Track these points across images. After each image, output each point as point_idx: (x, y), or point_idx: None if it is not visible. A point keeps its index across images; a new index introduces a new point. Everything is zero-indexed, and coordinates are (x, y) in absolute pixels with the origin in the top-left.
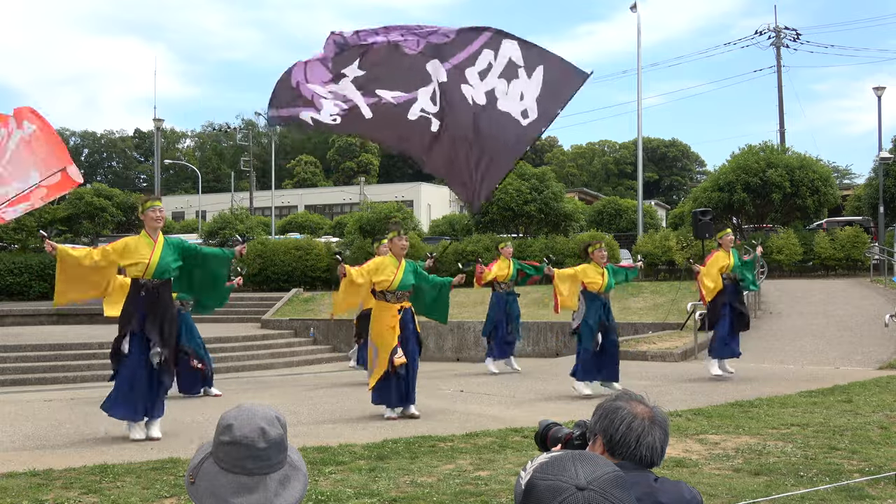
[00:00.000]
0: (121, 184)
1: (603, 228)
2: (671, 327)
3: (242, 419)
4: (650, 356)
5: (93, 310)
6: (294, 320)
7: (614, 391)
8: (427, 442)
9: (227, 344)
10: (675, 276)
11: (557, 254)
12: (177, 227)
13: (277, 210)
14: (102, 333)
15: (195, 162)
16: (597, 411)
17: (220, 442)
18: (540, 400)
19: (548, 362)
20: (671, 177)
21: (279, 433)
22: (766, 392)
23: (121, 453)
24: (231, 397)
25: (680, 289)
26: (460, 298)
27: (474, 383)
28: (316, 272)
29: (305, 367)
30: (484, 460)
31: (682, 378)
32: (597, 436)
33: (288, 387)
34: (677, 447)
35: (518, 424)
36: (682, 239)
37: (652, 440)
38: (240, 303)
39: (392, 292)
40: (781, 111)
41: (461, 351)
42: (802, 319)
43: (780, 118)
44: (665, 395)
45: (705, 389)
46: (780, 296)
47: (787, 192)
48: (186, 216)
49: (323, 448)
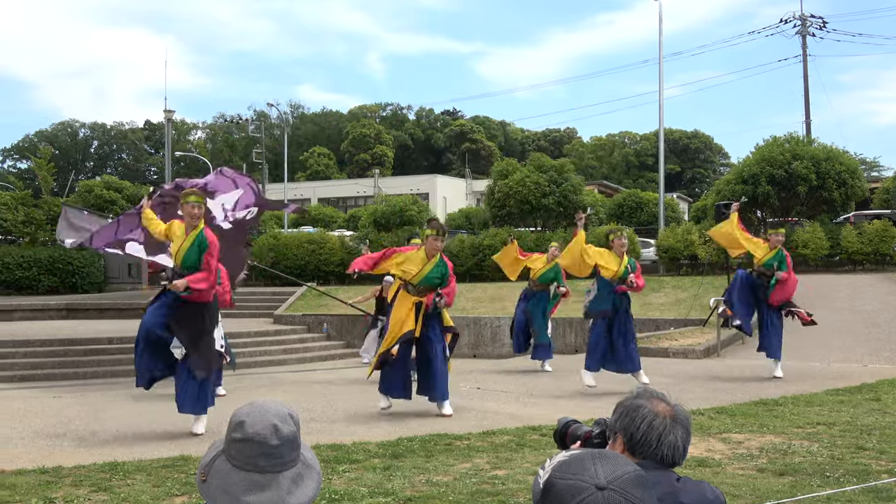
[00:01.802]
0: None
1: (623, 221)
2: (693, 323)
3: (255, 416)
4: (672, 353)
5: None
6: (307, 315)
7: (640, 383)
8: (443, 440)
9: (238, 339)
10: (698, 270)
11: None
12: None
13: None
14: (112, 328)
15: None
16: (617, 409)
17: (233, 439)
18: (558, 397)
19: (566, 359)
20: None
21: (292, 430)
22: (791, 390)
23: (131, 451)
24: (243, 394)
25: (702, 284)
26: (476, 294)
27: (491, 380)
28: (329, 266)
29: (318, 363)
30: (501, 459)
31: (704, 375)
32: (617, 434)
33: (301, 383)
34: (700, 446)
35: (536, 422)
36: (704, 233)
37: (674, 439)
38: (251, 297)
39: (413, 285)
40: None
41: (478, 347)
42: (829, 315)
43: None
44: (687, 393)
45: (728, 387)
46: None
47: (812, 185)
48: None
49: (337, 446)
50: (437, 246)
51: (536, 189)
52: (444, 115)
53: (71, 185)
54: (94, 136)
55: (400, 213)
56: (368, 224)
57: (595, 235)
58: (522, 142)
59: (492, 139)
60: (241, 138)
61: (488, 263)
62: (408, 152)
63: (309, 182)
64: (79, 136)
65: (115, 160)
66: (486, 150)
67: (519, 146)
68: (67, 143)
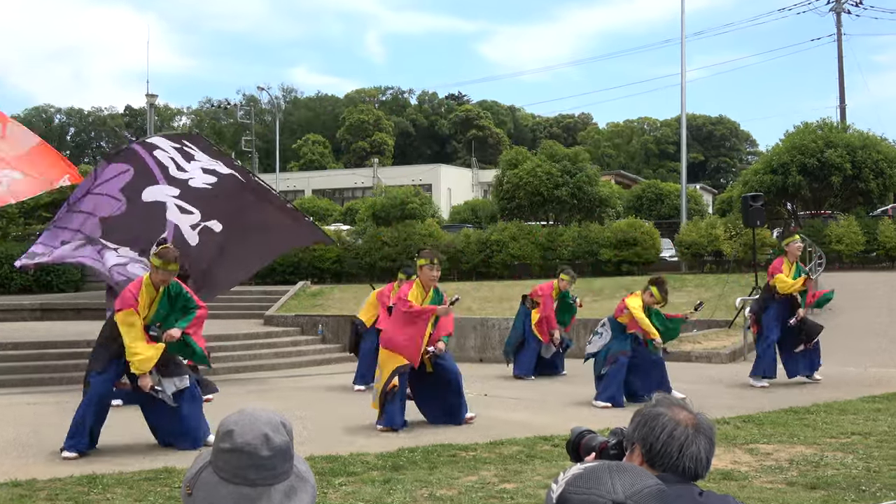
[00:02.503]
0: None
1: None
2: (718, 325)
3: (244, 425)
4: (695, 357)
5: (80, 304)
6: (300, 316)
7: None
8: (447, 451)
9: (226, 342)
10: (723, 268)
11: (592, 243)
12: None
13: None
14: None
15: None
16: (635, 418)
17: (220, 450)
18: (572, 405)
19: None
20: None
21: (284, 440)
22: (823, 397)
23: (111, 462)
24: (231, 401)
25: (728, 282)
26: (483, 293)
27: (499, 386)
28: (324, 263)
29: (313, 367)
30: (510, 471)
31: (730, 381)
32: (635, 445)
33: (294, 389)
34: (724, 458)
35: (547, 432)
36: (730, 227)
37: (696, 450)
38: (240, 297)
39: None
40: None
41: (485, 351)
42: (864, 316)
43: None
44: (711, 400)
45: (756, 394)
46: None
47: (847, 175)
48: None
49: (333, 457)
50: (434, 276)
51: (548, 180)
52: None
53: None
54: (71, 123)
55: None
56: (367, 218)
57: (612, 230)
58: (533, 129)
59: (500, 126)
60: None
61: (496, 260)
62: (409, 140)
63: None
64: (54, 123)
65: (93, 148)
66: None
67: (529, 133)
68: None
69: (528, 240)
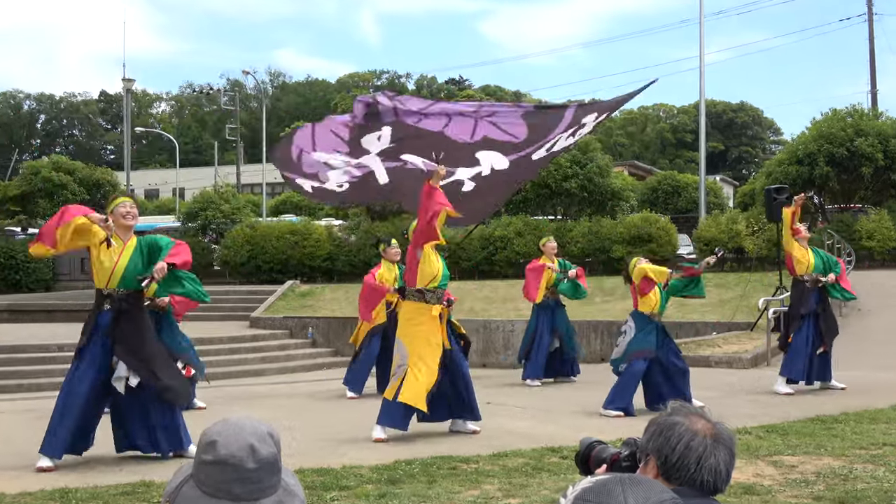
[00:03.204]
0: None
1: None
2: (739, 328)
3: (228, 435)
4: (714, 362)
5: (51, 305)
6: (289, 318)
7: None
8: (447, 463)
9: (209, 346)
10: (745, 266)
11: (603, 239)
12: (150, 207)
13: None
14: (63, 333)
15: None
16: (649, 427)
17: (203, 462)
18: (581, 414)
19: (591, 368)
20: (740, 147)
21: (272, 452)
22: (852, 405)
23: (84, 475)
24: (214, 409)
25: (750, 282)
26: (486, 293)
27: (503, 393)
28: (315, 261)
29: (303, 373)
30: (515, 485)
31: (752, 388)
32: (649, 456)
33: (282, 397)
34: (746, 470)
35: (555, 442)
36: (752, 222)
37: (715, 462)
38: (224, 297)
39: (432, 290)
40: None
41: (487, 355)
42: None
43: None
44: (731, 409)
45: (780, 401)
46: (870, 290)
47: (879, 166)
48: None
49: (324, 470)
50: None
51: (556, 171)
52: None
53: (13, 166)
54: (41, 110)
55: None
56: (361, 212)
57: (625, 226)
58: None
59: None
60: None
61: (500, 257)
62: None
63: None
64: (23, 109)
65: (65, 137)
66: None
67: None
68: (9, 116)
69: (535, 236)
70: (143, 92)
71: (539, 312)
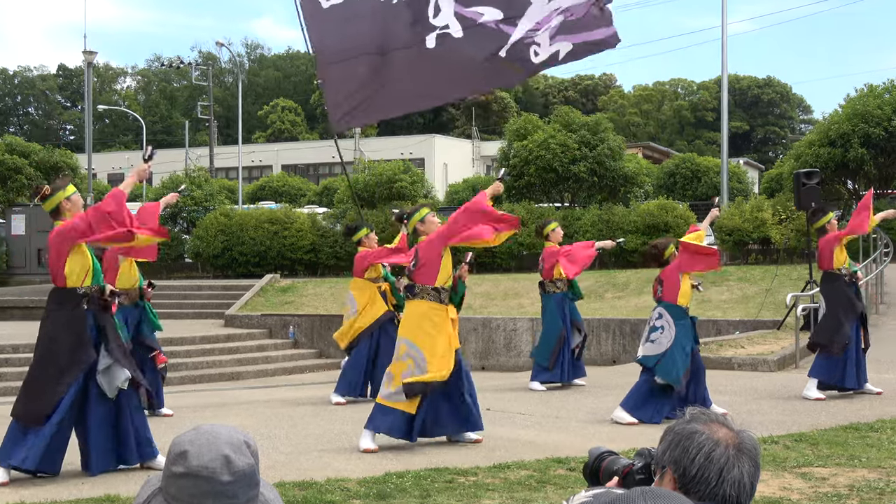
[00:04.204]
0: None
1: (675, 195)
2: (765, 326)
3: (201, 445)
4: (737, 364)
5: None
6: (268, 316)
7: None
8: (442, 476)
9: (179, 347)
10: (771, 258)
11: (615, 229)
12: None
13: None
14: (18, 333)
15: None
16: (666, 436)
17: (173, 474)
18: (590, 421)
19: (602, 371)
20: (766, 127)
21: (248, 463)
22: (889, 412)
23: (44, 489)
24: (184, 417)
25: (777, 275)
26: (486, 288)
27: (504, 399)
28: (297, 252)
29: (283, 377)
30: (517, 500)
31: (779, 393)
32: (665, 469)
33: (260, 403)
34: (772, 483)
35: (562, 453)
36: (779, 209)
37: (738, 474)
38: (197, 293)
39: (446, 290)
40: None
41: (487, 357)
42: None
43: None
44: (756, 416)
45: (810, 408)
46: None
47: None
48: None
49: (307, 483)
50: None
51: (563, 153)
52: None
53: None
54: None
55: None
56: (347, 198)
57: (639, 214)
58: (545, 92)
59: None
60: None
61: (500, 249)
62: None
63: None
64: None
65: (20, 115)
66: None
67: (541, 98)
68: None
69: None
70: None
71: (558, 306)
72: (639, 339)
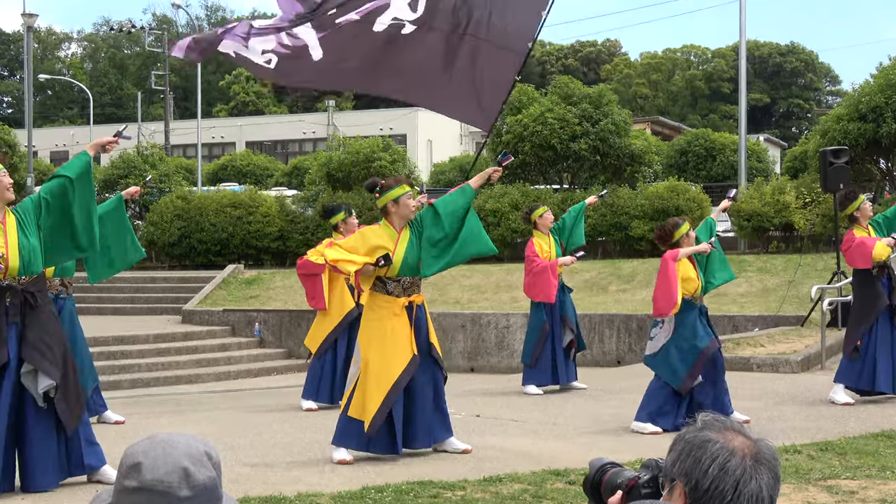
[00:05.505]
0: None
1: (688, 176)
2: (787, 322)
3: (156, 456)
4: (756, 365)
5: None
6: (231, 311)
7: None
8: (427, 490)
9: (130, 346)
10: (794, 246)
11: (620, 213)
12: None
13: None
14: None
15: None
16: (675, 445)
17: (125, 488)
18: (592, 430)
19: (606, 372)
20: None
21: (210, 476)
22: None
23: None
24: (137, 424)
25: (801, 266)
26: (476, 280)
27: (495, 404)
28: (263, 240)
29: (248, 379)
30: None
31: (802, 397)
32: (675, 481)
33: (222, 409)
34: (795, 497)
35: (559, 464)
36: (804, 192)
37: (756, 487)
38: (151, 285)
39: (395, 279)
40: None
41: (476, 357)
42: None
43: None
44: (777, 422)
45: (836, 413)
46: None
47: None
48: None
49: (275, 499)
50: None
51: (562, 129)
52: None
53: None
54: None
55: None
56: (319, 179)
57: (647, 197)
58: (542, 60)
59: None
60: (134, 55)
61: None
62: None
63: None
64: None
65: None
66: None
67: (537, 66)
68: None
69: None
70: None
71: (543, 305)
72: (647, 336)
